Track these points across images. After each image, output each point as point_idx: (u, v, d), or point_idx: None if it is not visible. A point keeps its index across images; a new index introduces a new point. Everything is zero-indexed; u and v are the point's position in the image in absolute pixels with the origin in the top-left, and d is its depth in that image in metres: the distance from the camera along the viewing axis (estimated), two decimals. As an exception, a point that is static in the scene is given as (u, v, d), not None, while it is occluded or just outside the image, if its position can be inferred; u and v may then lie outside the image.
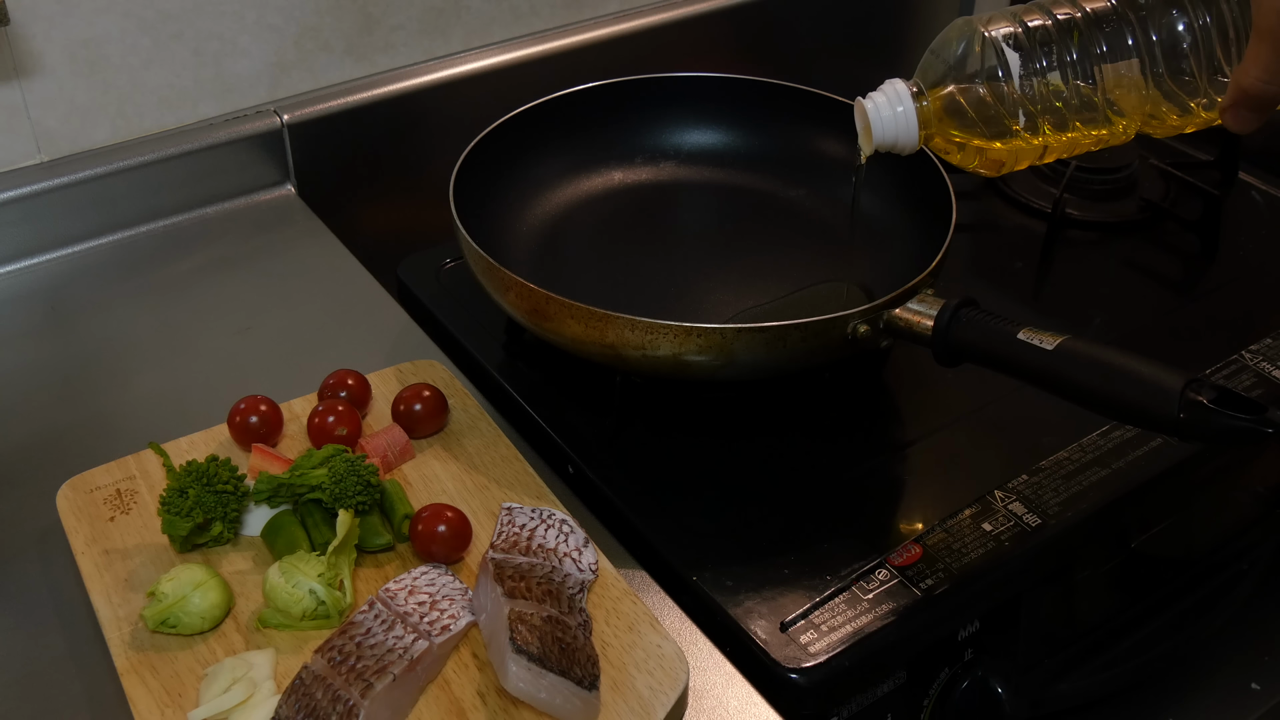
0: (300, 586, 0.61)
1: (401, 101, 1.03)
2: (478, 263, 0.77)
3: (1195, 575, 0.84)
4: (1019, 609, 0.73)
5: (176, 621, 0.61)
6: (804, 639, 0.64)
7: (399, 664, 0.57)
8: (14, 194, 0.90)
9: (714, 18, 1.17)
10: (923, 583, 0.67)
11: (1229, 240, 0.97)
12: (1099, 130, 0.68)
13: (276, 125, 0.98)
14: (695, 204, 0.96)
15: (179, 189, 0.96)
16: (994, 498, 0.73)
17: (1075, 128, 0.67)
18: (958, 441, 0.78)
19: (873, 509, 0.73)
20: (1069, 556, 0.74)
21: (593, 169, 0.96)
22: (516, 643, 0.56)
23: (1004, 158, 0.69)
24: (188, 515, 0.64)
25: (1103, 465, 0.75)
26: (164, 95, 0.95)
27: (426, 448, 0.73)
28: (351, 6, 1.00)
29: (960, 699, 0.72)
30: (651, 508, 0.72)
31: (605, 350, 0.73)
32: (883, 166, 0.91)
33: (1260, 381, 0.82)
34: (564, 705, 0.56)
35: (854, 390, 0.82)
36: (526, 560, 0.63)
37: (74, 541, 0.66)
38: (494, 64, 1.06)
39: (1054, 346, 0.64)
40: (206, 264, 0.93)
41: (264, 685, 0.58)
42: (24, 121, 0.91)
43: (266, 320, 0.87)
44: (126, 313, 0.88)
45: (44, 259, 0.92)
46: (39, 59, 0.89)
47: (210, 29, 0.95)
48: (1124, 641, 0.79)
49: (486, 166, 0.87)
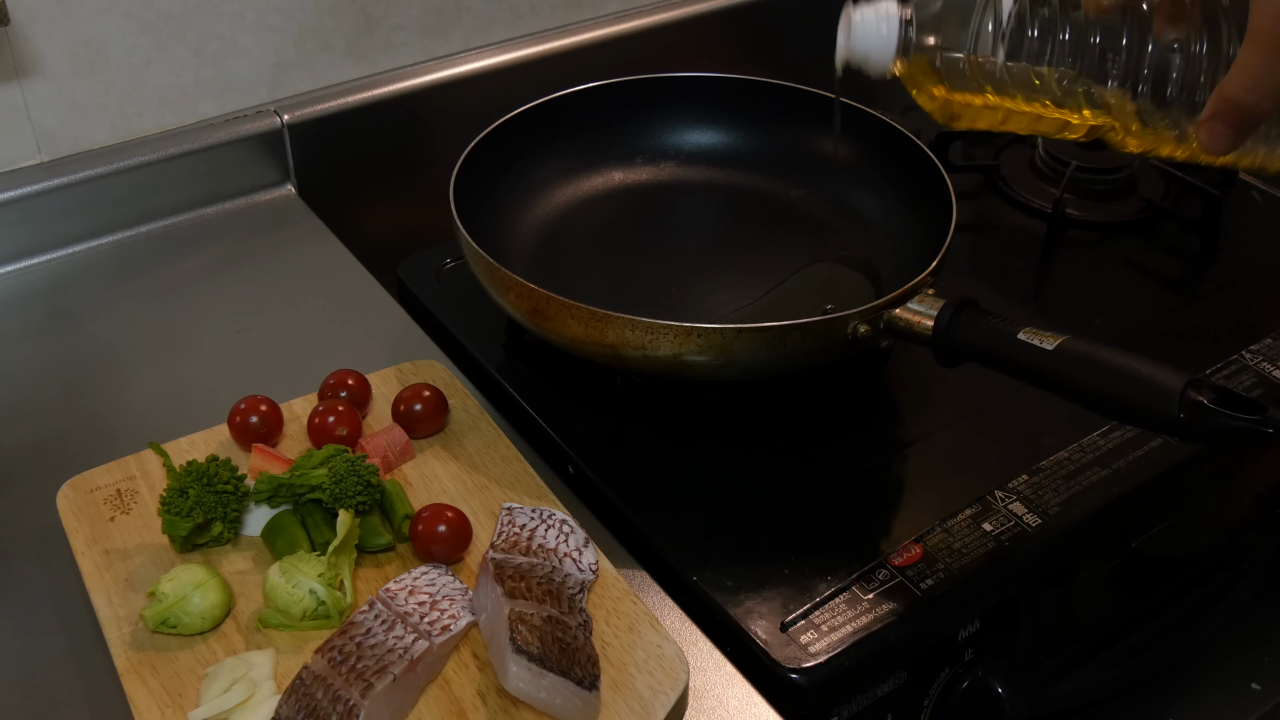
0: (300, 586, 0.61)
1: (402, 101, 1.03)
2: (478, 263, 0.77)
3: (1195, 575, 0.84)
4: (1019, 609, 0.73)
5: (177, 621, 0.61)
6: (804, 639, 0.64)
7: (399, 664, 0.57)
8: (14, 194, 0.90)
9: (714, 18, 1.17)
10: (923, 583, 0.67)
11: (1229, 240, 0.97)
12: (1071, 115, 0.66)
13: (277, 125, 0.98)
14: (695, 204, 0.96)
15: (179, 189, 0.96)
16: (994, 498, 0.73)
17: (1045, 105, 0.65)
18: (958, 441, 0.78)
19: (873, 509, 0.73)
20: (1069, 556, 0.74)
21: (593, 169, 0.96)
22: (517, 643, 0.56)
23: (963, 113, 0.67)
24: (188, 515, 0.64)
25: (1103, 465, 0.75)
26: (164, 95, 0.95)
27: (427, 448, 0.73)
28: (352, 6, 1.00)
29: (960, 699, 0.72)
30: (652, 508, 0.72)
31: (605, 350, 0.72)
32: (883, 166, 0.91)
33: (1260, 381, 0.82)
34: (564, 705, 0.56)
35: (854, 390, 0.82)
36: (527, 560, 0.63)
37: (74, 541, 0.66)
38: (494, 64, 1.06)
39: (1054, 346, 0.64)
40: (207, 264, 0.93)
41: (264, 685, 0.58)
42: (24, 121, 0.91)
43: (267, 320, 0.87)
44: (126, 313, 0.88)
45: (44, 259, 0.92)
46: (39, 59, 0.89)
47: (210, 29, 0.95)
48: (1124, 641, 0.79)
49: (487, 166, 0.87)
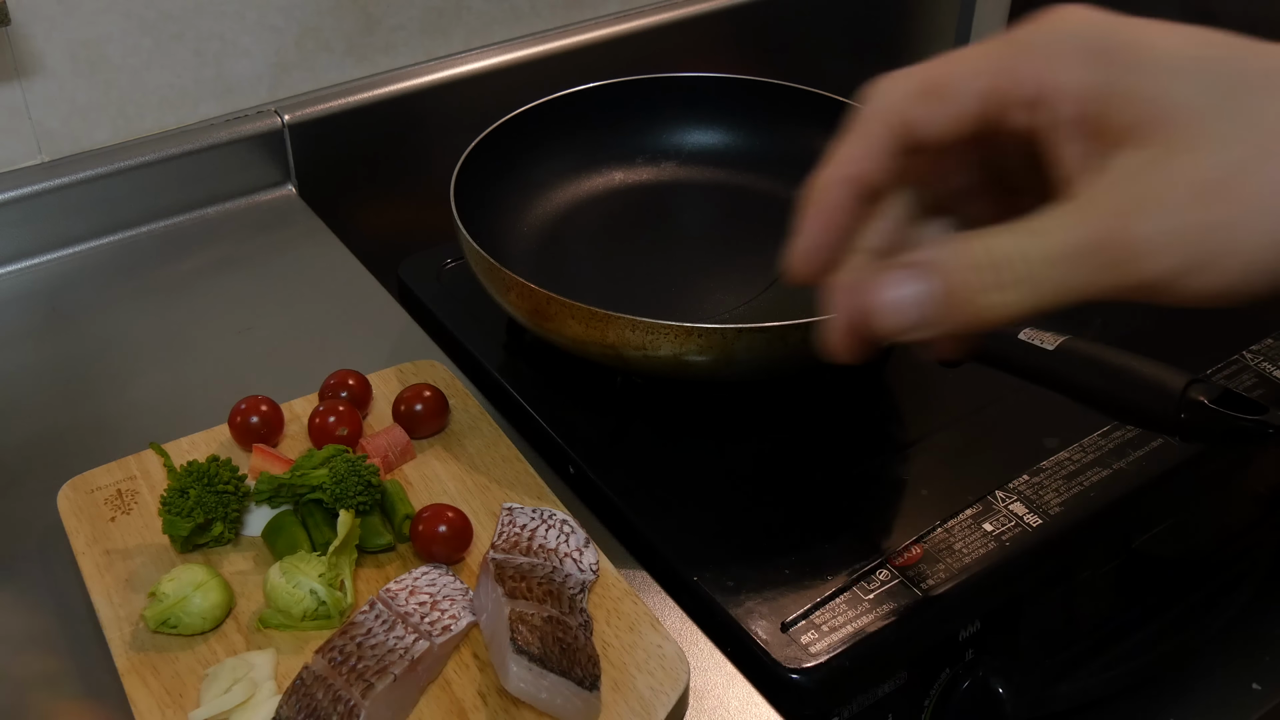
0: (301, 587, 0.61)
1: (402, 101, 1.03)
2: (479, 263, 0.77)
3: (1196, 576, 0.84)
4: (1020, 609, 0.73)
5: (177, 622, 0.61)
6: (805, 639, 0.64)
7: (400, 664, 0.57)
8: (15, 194, 0.90)
9: (714, 18, 1.17)
10: (924, 583, 0.67)
11: (1229, 240, 0.97)
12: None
13: (277, 125, 0.98)
14: (695, 204, 0.96)
15: (179, 189, 0.96)
16: (995, 498, 0.73)
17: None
18: (958, 441, 0.78)
19: (873, 509, 0.73)
20: (1070, 557, 0.74)
21: (593, 169, 0.96)
22: (517, 643, 0.56)
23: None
24: (189, 515, 0.64)
25: (1104, 466, 0.75)
26: (165, 95, 0.95)
27: (427, 448, 0.73)
28: (352, 7, 1.00)
29: (961, 699, 0.72)
30: (652, 508, 0.72)
31: (606, 350, 0.72)
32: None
33: (1261, 381, 0.82)
34: (565, 705, 0.56)
35: (854, 390, 0.82)
36: (527, 560, 0.63)
37: (75, 542, 0.66)
38: (494, 64, 1.06)
39: (1055, 346, 0.64)
40: (207, 264, 0.93)
41: (265, 686, 0.58)
42: (25, 121, 0.91)
43: (267, 320, 0.87)
44: (127, 313, 0.88)
45: (44, 259, 0.92)
46: (40, 59, 0.89)
47: (211, 29, 0.95)
48: (1125, 642, 0.79)
49: (487, 166, 0.87)
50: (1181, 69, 0.35)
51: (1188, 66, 0.35)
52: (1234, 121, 0.34)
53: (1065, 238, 0.35)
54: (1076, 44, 0.35)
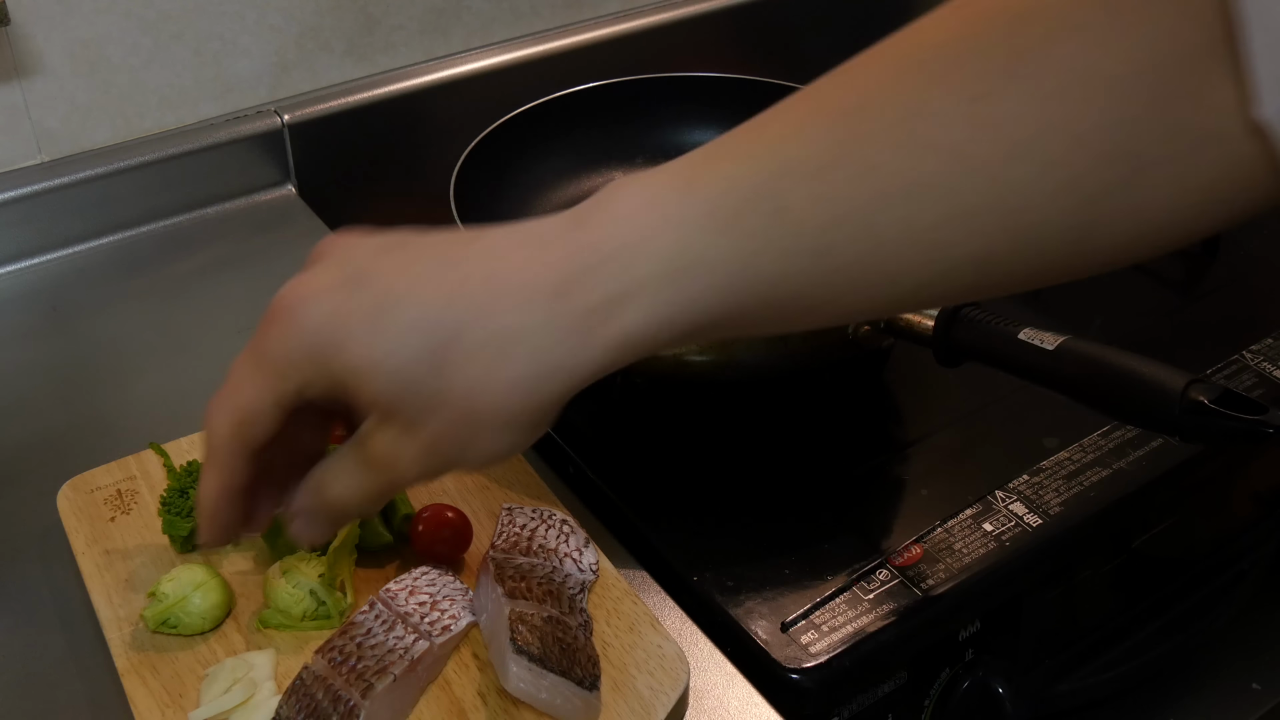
0: (301, 587, 0.61)
1: (402, 101, 1.03)
2: (478, 263, 0.77)
3: (1196, 575, 0.84)
4: (1020, 609, 0.73)
5: (177, 622, 0.61)
6: (805, 639, 0.64)
7: (400, 664, 0.57)
8: (14, 194, 0.90)
9: (714, 18, 1.17)
10: (923, 583, 0.67)
11: (1229, 240, 0.97)
12: None
13: (277, 125, 0.98)
14: (696, 204, 0.96)
15: (179, 189, 0.96)
16: (995, 498, 0.73)
17: None
18: (958, 441, 0.78)
19: (873, 509, 0.73)
20: (1070, 557, 0.74)
21: (593, 169, 0.96)
22: (517, 643, 0.56)
23: None
24: (188, 515, 0.64)
25: (1104, 465, 0.75)
26: (164, 95, 0.95)
27: (427, 448, 0.73)
28: (352, 6, 1.00)
29: (961, 699, 0.72)
30: (652, 508, 0.72)
31: (606, 350, 0.72)
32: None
33: (1261, 382, 0.82)
34: (564, 706, 0.56)
35: (854, 390, 0.82)
36: (527, 560, 0.63)
37: (74, 542, 0.66)
38: (494, 64, 1.06)
39: (1055, 346, 0.64)
40: (207, 264, 0.93)
41: (264, 686, 0.58)
42: (24, 121, 0.91)
43: (267, 320, 0.87)
44: (127, 313, 0.88)
45: (44, 259, 0.92)
46: (39, 59, 0.89)
47: (211, 29, 0.95)
48: (1125, 642, 0.79)
49: (487, 166, 0.87)
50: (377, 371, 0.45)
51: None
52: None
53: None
54: (304, 354, 0.46)
